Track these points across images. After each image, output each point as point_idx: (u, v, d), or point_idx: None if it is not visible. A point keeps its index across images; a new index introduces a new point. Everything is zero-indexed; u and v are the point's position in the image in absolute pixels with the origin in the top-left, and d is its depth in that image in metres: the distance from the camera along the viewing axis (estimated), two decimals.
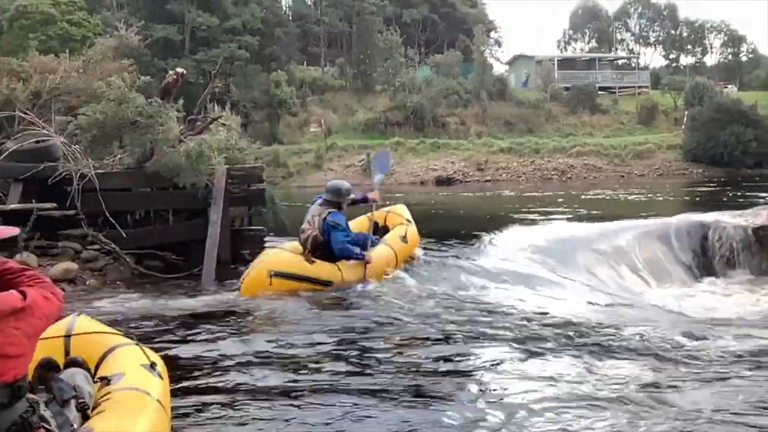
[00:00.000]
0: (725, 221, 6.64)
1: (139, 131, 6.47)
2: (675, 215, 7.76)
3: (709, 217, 6.93)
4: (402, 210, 6.99)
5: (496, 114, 37.48)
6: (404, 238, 6.33)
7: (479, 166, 29.71)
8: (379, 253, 5.90)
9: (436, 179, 28.10)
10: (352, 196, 5.97)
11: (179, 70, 7.34)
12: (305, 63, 44.46)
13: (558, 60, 44.63)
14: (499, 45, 54.81)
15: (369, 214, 6.40)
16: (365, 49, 37.69)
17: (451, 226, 10.17)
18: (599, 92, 40.03)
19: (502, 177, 28.84)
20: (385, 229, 6.65)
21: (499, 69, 46.38)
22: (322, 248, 5.52)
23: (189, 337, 4.16)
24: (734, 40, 59.72)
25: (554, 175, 28.93)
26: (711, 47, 60.51)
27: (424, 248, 6.83)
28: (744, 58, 60.77)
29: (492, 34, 52.61)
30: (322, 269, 5.43)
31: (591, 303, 5.42)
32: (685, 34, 59.67)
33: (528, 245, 7.07)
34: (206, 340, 4.08)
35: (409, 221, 6.74)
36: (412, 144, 31.33)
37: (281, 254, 5.58)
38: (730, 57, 60.41)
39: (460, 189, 24.27)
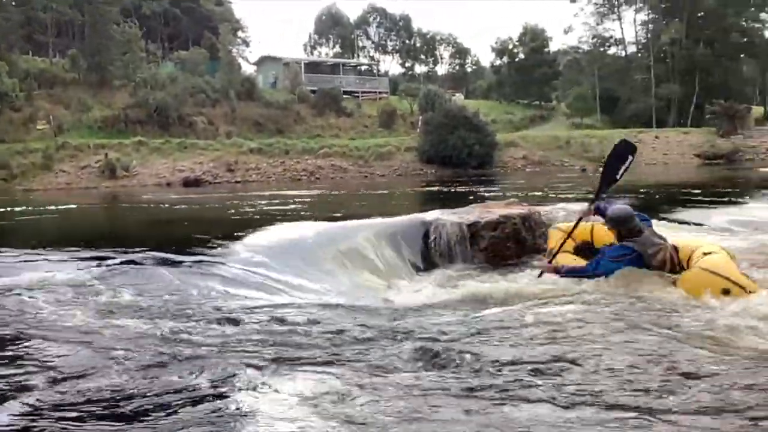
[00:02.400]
0: (444, 219, 7.31)
1: None
2: (404, 214, 8.34)
3: (431, 215, 7.58)
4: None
5: (245, 114, 37.30)
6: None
7: (229, 166, 29.31)
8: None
9: (184, 180, 27.08)
10: None
11: None
12: (30, 52, 39.99)
13: (305, 63, 45.76)
14: (247, 45, 54.81)
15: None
16: (100, 41, 34.92)
17: (199, 230, 9.83)
18: (344, 96, 41.91)
19: (252, 178, 28.76)
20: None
21: (247, 69, 46.20)
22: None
23: None
24: (461, 52, 66.54)
25: (303, 175, 29.57)
26: (441, 58, 66.75)
27: (163, 251, 6.43)
28: (469, 69, 67.99)
29: (239, 33, 52.20)
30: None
31: (330, 306, 5.56)
32: (418, 45, 64.90)
33: (271, 248, 7.06)
34: None
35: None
36: (156, 144, 29.84)
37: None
38: (457, 67, 67.16)
39: (210, 190, 23.68)
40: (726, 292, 4.88)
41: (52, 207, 15.41)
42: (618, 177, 6.17)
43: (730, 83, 47.18)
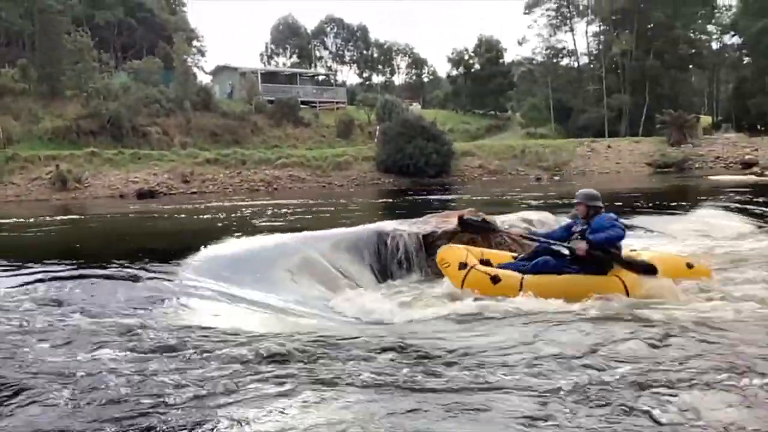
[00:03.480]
0: (401, 229, 7.34)
1: None
2: (361, 224, 8.34)
3: (389, 225, 7.60)
4: None
5: (201, 124, 36.84)
6: None
7: (185, 178, 28.84)
8: None
9: (138, 192, 26.56)
10: None
11: None
12: None
13: (261, 73, 45.48)
14: (203, 54, 54.18)
15: None
16: (51, 51, 34.09)
17: (153, 244, 9.66)
18: (302, 106, 41.78)
19: (209, 189, 28.38)
20: None
21: (203, 79, 45.72)
22: None
23: None
24: (417, 62, 67.06)
25: (261, 186, 29.31)
26: (398, 68, 67.18)
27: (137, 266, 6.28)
28: (426, 79, 68.57)
29: (194, 42, 51.65)
30: None
31: (287, 319, 5.52)
32: (376, 55, 65.20)
33: (228, 262, 6.98)
34: None
35: None
36: (109, 155, 29.24)
37: None
38: (414, 77, 67.67)
39: (166, 202, 23.27)
40: None
41: (2, 220, 14.95)
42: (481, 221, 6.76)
43: (679, 93, 48.55)
